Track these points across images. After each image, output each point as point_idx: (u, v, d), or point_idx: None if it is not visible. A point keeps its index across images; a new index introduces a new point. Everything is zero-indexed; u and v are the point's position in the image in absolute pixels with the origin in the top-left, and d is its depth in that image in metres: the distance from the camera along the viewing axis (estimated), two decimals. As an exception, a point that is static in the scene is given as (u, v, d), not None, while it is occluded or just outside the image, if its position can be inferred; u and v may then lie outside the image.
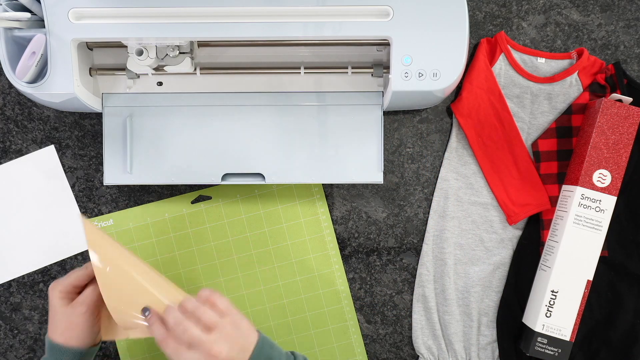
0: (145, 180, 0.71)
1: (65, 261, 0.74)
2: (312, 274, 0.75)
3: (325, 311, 0.75)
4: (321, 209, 0.75)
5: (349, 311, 0.75)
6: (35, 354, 0.74)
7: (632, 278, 0.70)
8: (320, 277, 0.75)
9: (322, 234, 0.75)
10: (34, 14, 0.65)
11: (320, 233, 0.75)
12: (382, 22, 0.63)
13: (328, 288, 0.75)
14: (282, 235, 0.75)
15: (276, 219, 0.75)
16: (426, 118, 0.75)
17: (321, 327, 0.75)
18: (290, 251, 0.75)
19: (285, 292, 0.75)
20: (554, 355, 0.67)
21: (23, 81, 0.64)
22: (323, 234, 0.75)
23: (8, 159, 0.74)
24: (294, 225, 0.75)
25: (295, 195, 0.75)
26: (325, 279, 0.75)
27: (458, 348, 0.72)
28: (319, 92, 0.72)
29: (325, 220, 0.75)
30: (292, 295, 0.75)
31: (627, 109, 0.67)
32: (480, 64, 0.72)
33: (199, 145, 0.71)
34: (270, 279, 0.75)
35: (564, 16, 0.74)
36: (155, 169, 0.71)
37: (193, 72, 0.71)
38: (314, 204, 0.75)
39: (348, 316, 0.75)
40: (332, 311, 0.75)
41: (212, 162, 0.71)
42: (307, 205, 0.75)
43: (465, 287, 0.72)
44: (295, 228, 0.75)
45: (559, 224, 0.69)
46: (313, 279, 0.75)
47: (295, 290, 0.75)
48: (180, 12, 0.63)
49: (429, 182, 0.74)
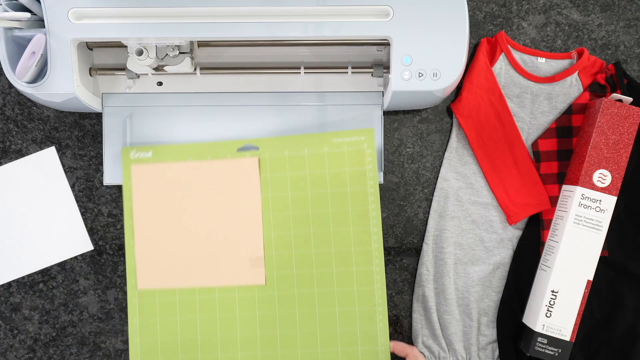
0: (145, 180, 0.71)
1: (66, 261, 0.74)
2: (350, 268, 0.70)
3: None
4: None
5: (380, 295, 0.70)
6: (35, 354, 0.74)
7: (632, 278, 0.70)
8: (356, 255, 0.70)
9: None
10: (34, 14, 0.65)
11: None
12: (382, 22, 0.63)
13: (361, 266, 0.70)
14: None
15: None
16: (426, 118, 0.75)
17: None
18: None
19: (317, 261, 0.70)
20: (554, 355, 0.67)
21: (23, 81, 0.64)
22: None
23: (8, 159, 0.74)
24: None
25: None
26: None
27: (458, 348, 0.72)
28: (319, 92, 0.72)
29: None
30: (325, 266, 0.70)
31: (627, 109, 0.67)
32: (480, 64, 0.72)
33: (199, 145, 0.71)
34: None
35: (564, 16, 0.74)
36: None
37: (193, 72, 0.71)
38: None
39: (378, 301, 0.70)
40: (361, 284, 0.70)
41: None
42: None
43: (465, 287, 0.72)
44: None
45: (559, 224, 0.69)
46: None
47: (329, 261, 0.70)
48: (180, 12, 0.63)
49: (429, 182, 0.74)
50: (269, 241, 0.70)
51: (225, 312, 0.69)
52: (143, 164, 0.70)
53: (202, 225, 0.69)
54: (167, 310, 0.69)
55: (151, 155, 0.70)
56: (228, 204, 0.70)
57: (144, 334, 0.69)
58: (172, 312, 0.69)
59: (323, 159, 0.70)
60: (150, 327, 0.69)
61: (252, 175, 0.70)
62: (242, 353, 0.69)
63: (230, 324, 0.69)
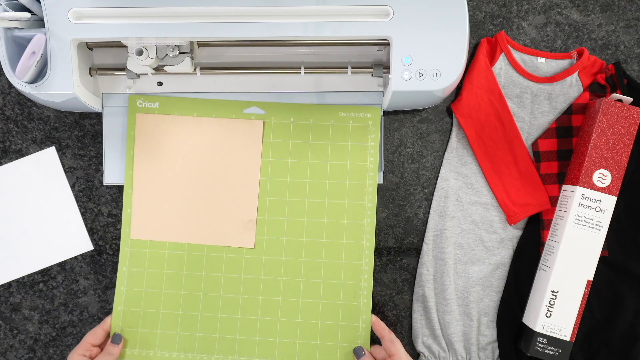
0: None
1: (66, 261, 0.74)
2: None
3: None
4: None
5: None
6: (35, 354, 0.74)
7: (632, 278, 0.70)
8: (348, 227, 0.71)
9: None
10: (34, 14, 0.65)
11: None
12: (382, 22, 0.63)
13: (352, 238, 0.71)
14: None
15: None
16: (426, 118, 0.75)
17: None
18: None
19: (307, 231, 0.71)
20: (554, 355, 0.67)
21: (23, 81, 0.64)
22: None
23: (8, 159, 0.74)
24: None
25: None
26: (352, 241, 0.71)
27: (458, 348, 0.72)
28: (319, 92, 0.72)
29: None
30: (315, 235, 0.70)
31: (627, 109, 0.67)
32: (480, 64, 0.72)
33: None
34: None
35: (564, 16, 0.74)
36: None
37: (193, 72, 0.71)
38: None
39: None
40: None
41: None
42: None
43: (465, 287, 0.72)
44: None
45: (559, 224, 0.69)
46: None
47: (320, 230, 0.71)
48: (180, 12, 0.63)
49: (429, 182, 0.74)
50: (263, 205, 0.70)
51: (211, 272, 0.70)
52: (148, 114, 0.71)
53: (199, 182, 0.70)
54: (156, 263, 0.70)
55: (157, 106, 0.71)
56: (227, 163, 0.70)
57: (130, 283, 0.70)
58: (159, 265, 0.70)
59: (327, 131, 0.71)
60: (137, 277, 0.70)
61: (255, 138, 0.70)
62: (222, 314, 0.70)
63: (214, 284, 0.70)
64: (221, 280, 0.70)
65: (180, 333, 0.69)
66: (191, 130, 0.71)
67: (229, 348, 0.69)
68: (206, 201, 0.70)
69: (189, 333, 0.69)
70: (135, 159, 0.71)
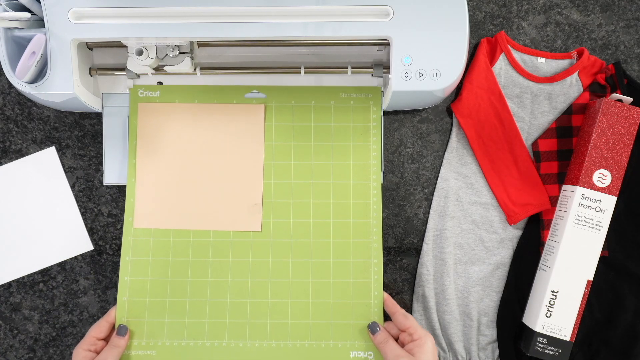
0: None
1: (66, 261, 0.74)
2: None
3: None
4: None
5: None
6: (35, 354, 0.74)
7: (632, 278, 0.70)
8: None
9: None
10: (34, 14, 0.65)
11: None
12: (382, 22, 0.63)
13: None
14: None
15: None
16: (426, 118, 0.75)
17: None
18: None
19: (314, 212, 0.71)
20: (554, 355, 0.67)
21: (23, 81, 0.64)
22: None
23: (8, 159, 0.74)
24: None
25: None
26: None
27: (458, 348, 0.72)
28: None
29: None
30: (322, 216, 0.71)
31: (627, 109, 0.67)
32: (480, 64, 0.72)
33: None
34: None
35: (564, 16, 0.74)
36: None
37: (193, 72, 0.71)
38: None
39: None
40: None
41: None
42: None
43: (465, 287, 0.72)
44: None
45: (559, 224, 0.69)
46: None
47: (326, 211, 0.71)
48: (180, 12, 0.63)
49: (429, 182, 0.74)
50: (268, 189, 0.70)
51: (218, 257, 0.70)
52: (150, 103, 0.71)
53: (203, 169, 0.70)
54: (161, 251, 0.70)
55: (158, 95, 0.71)
56: (230, 149, 0.70)
57: (134, 273, 0.70)
58: (165, 253, 0.70)
59: (329, 112, 0.71)
60: (142, 266, 0.70)
61: (257, 122, 0.70)
62: (231, 299, 0.69)
63: (222, 269, 0.70)
64: (229, 265, 0.70)
65: (189, 320, 0.69)
66: (193, 117, 0.71)
67: (240, 332, 0.69)
68: (211, 187, 0.70)
69: (198, 320, 0.69)
70: (138, 148, 0.71)
